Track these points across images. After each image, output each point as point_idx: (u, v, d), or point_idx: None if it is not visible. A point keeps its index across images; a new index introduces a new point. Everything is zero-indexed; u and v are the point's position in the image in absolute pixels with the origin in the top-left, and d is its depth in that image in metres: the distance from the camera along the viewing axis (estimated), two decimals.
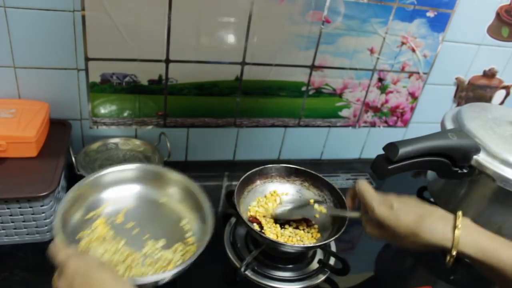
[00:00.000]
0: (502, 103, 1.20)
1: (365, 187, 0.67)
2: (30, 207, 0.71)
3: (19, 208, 0.70)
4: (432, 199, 0.94)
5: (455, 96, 1.14)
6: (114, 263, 0.64)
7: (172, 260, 0.67)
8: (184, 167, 1.01)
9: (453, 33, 1.01)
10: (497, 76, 1.13)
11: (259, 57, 0.92)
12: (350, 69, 1.00)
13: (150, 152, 0.93)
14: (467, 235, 0.59)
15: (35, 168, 0.75)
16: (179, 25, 0.83)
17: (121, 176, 0.76)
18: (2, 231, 0.72)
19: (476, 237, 0.60)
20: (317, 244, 0.73)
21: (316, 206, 0.79)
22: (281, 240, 0.75)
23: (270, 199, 0.83)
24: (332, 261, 0.78)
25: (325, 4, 0.89)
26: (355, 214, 0.71)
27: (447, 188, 0.84)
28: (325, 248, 0.77)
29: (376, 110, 1.10)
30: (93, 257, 0.60)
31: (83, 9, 0.77)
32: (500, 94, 1.18)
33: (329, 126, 1.09)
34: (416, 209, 0.63)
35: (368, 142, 1.15)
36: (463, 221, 0.61)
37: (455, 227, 0.60)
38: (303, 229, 0.79)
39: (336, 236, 0.72)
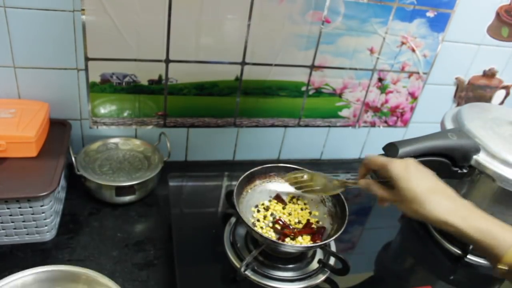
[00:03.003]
0: (502, 103, 1.20)
1: (376, 156, 0.68)
2: (30, 207, 0.71)
3: (19, 208, 0.70)
4: None
5: (455, 96, 1.14)
6: None
7: None
8: (184, 167, 1.02)
9: (453, 33, 1.01)
10: (497, 76, 1.13)
11: (259, 57, 0.92)
12: (350, 69, 1.00)
13: (150, 152, 0.93)
14: (470, 216, 0.60)
15: (35, 168, 0.75)
16: (179, 25, 0.83)
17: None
18: (2, 231, 0.72)
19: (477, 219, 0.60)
20: (317, 244, 0.73)
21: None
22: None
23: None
24: (332, 261, 0.78)
25: (325, 4, 0.89)
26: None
27: None
28: (325, 248, 0.77)
29: (376, 110, 1.10)
30: None
31: (83, 9, 0.77)
32: (500, 94, 1.18)
33: (329, 126, 1.09)
34: (428, 180, 0.63)
35: (368, 142, 1.15)
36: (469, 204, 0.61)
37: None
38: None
39: (336, 236, 0.72)
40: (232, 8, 0.84)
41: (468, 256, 0.85)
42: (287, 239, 0.75)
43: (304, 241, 0.76)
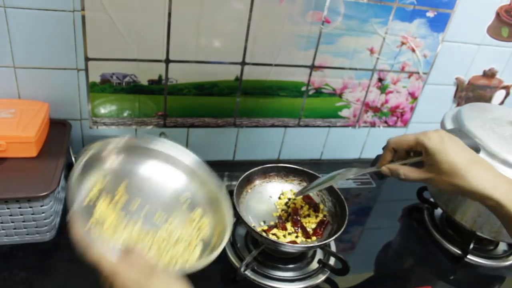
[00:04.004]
0: (502, 103, 1.20)
1: (399, 136, 0.65)
2: (30, 207, 0.71)
3: (19, 208, 0.70)
4: (432, 199, 0.94)
5: (455, 96, 1.14)
6: (144, 252, 0.59)
7: (192, 238, 0.65)
8: None
9: (453, 33, 1.01)
10: (497, 76, 1.13)
11: (259, 57, 0.92)
12: (350, 69, 1.00)
13: None
14: None
15: (35, 168, 0.75)
16: (179, 25, 0.83)
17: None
18: (2, 231, 0.72)
19: None
20: (317, 244, 0.73)
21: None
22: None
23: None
24: (332, 261, 0.78)
25: (325, 4, 0.89)
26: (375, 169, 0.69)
27: None
28: (325, 248, 0.77)
29: (376, 110, 1.10)
30: (141, 262, 0.50)
31: (83, 9, 0.77)
32: (500, 94, 1.18)
33: (329, 126, 1.09)
34: (466, 151, 0.60)
35: (368, 142, 1.15)
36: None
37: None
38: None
39: (336, 236, 0.72)
40: (232, 8, 0.84)
41: (468, 256, 0.86)
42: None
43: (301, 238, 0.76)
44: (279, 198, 0.84)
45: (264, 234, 0.73)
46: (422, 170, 0.62)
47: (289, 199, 0.84)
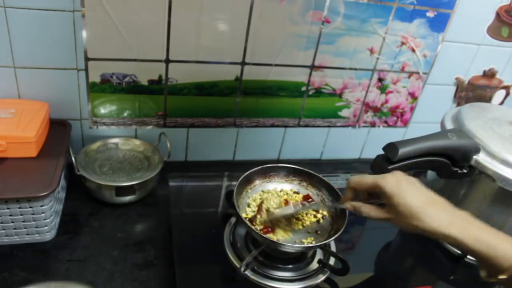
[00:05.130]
0: (502, 103, 1.20)
1: (360, 176, 0.67)
2: (30, 207, 0.71)
3: (19, 208, 0.70)
4: None
5: (455, 96, 1.14)
6: None
7: None
8: (184, 167, 1.02)
9: (453, 33, 1.01)
10: (497, 76, 1.13)
11: (259, 57, 0.92)
12: (350, 69, 1.00)
13: (150, 152, 0.93)
14: (468, 228, 0.60)
15: (35, 168, 0.75)
16: (179, 25, 0.83)
17: None
18: (2, 231, 0.72)
19: (476, 230, 0.60)
20: (317, 244, 0.73)
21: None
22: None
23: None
24: (332, 261, 0.78)
25: (325, 4, 0.89)
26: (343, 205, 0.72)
27: (447, 188, 0.85)
28: (325, 248, 0.77)
29: (376, 110, 1.10)
30: None
31: (83, 9, 0.77)
32: (500, 94, 1.18)
33: (329, 126, 1.09)
34: (421, 193, 0.63)
35: (368, 142, 1.15)
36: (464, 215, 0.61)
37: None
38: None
39: (336, 236, 0.72)
40: (232, 8, 0.84)
41: (468, 256, 0.85)
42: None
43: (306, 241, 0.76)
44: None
45: (263, 234, 0.73)
46: (384, 210, 0.65)
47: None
